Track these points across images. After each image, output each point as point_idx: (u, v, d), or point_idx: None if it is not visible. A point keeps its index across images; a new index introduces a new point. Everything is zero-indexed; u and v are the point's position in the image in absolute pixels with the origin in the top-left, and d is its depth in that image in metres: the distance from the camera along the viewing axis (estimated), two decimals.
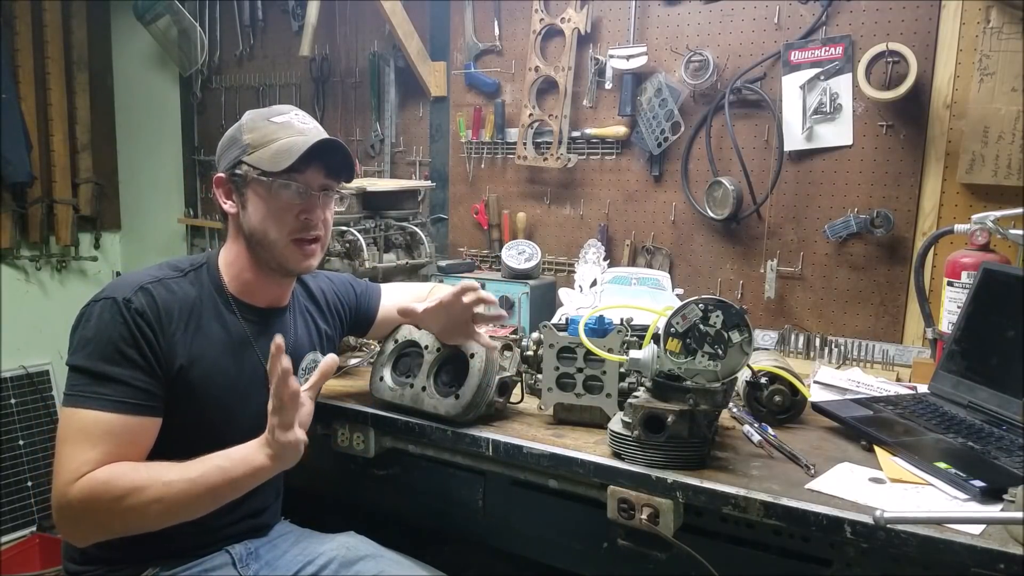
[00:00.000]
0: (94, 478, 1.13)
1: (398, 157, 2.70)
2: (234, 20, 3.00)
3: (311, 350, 1.47)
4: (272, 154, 1.27)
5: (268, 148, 1.28)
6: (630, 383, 1.41)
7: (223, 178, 1.33)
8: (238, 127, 1.33)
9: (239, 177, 1.30)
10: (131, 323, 1.19)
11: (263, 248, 1.30)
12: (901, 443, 1.27)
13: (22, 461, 3.01)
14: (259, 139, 1.29)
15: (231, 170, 1.31)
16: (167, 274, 1.29)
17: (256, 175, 1.27)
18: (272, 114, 1.33)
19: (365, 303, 1.60)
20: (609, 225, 2.30)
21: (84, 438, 1.15)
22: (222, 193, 1.34)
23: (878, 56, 1.83)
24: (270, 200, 1.28)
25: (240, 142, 1.30)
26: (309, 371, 1.45)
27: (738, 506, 1.14)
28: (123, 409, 1.17)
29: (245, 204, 1.30)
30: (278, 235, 1.29)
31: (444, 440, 1.45)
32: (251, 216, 1.29)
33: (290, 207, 1.28)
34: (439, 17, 2.55)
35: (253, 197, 1.29)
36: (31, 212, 3.11)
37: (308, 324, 1.48)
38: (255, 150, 1.28)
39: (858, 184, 1.95)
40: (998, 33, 1.71)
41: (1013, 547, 0.98)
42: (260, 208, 1.29)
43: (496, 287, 2.19)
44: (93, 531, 1.19)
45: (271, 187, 1.27)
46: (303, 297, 1.49)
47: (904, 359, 1.87)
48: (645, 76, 2.17)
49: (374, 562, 1.40)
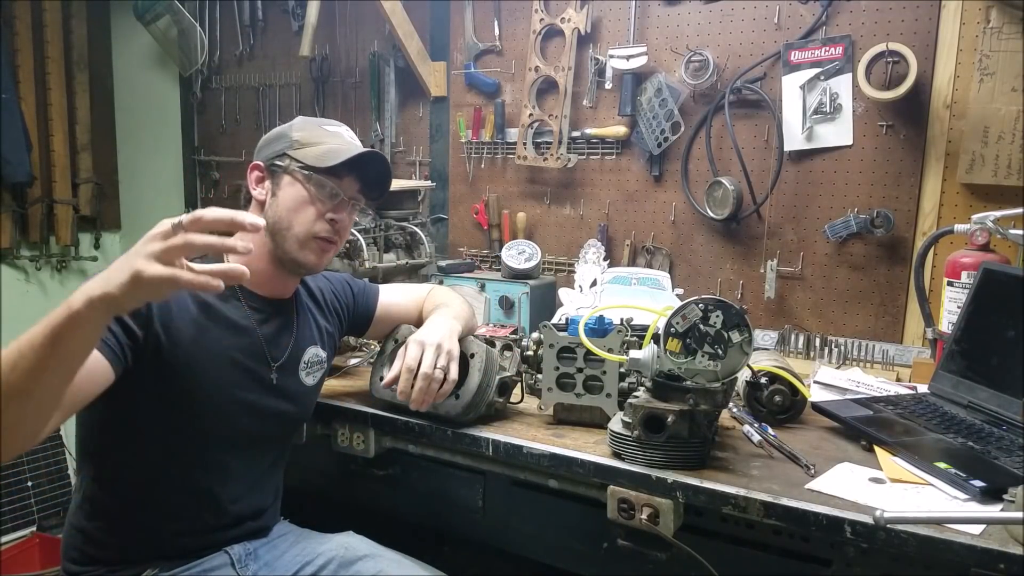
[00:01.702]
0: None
1: (398, 157, 2.70)
2: (234, 20, 3.00)
3: (312, 345, 1.47)
4: (320, 152, 1.32)
5: (316, 147, 1.33)
6: (630, 383, 1.41)
7: (260, 165, 1.37)
8: (289, 126, 1.38)
9: (279, 167, 1.33)
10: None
11: (283, 238, 1.32)
12: (901, 443, 1.27)
13: (22, 461, 3.00)
14: (308, 138, 1.34)
15: (272, 160, 1.35)
16: None
17: (298, 167, 1.32)
18: (325, 123, 1.40)
19: (363, 302, 1.60)
20: (609, 225, 2.30)
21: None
22: (255, 179, 1.37)
23: (878, 56, 1.83)
24: (304, 193, 1.32)
25: (288, 137, 1.35)
26: (311, 366, 1.46)
27: (738, 506, 1.14)
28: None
29: (277, 192, 1.33)
30: (302, 228, 1.32)
31: (444, 440, 1.45)
32: (280, 204, 1.32)
33: (321, 205, 1.32)
34: (439, 17, 2.55)
35: (288, 187, 1.33)
36: (31, 212, 3.10)
37: (310, 320, 1.48)
38: (303, 147, 1.33)
39: (858, 184, 1.95)
40: (998, 33, 1.71)
41: (1013, 547, 0.98)
42: (292, 198, 1.32)
43: (496, 287, 2.19)
44: None
45: (310, 181, 1.31)
46: (304, 295, 1.49)
47: (904, 359, 1.87)
48: (645, 76, 2.17)
49: (373, 562, 1.40)
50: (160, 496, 1.30)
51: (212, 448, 1.31)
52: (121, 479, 1.30)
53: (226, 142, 3.15)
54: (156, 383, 1.22)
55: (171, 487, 1.30)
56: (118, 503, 1.30)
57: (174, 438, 1.27)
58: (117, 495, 1.30)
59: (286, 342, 1.40)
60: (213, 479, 1.33)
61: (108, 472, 1.30)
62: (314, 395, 1.50)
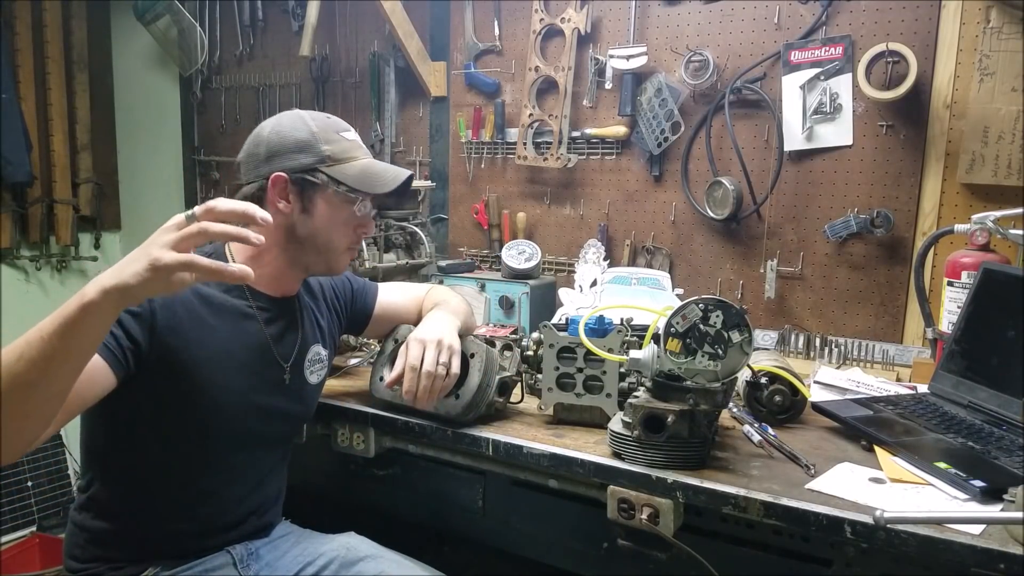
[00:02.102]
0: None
1: (398, 157, 2.70)
2: (234, 20, 3.00)
3: (315, 343, 1.47)
4: (359, 173, 1.32)
5: (352, 165, 1.33)
6: (630, 383, 1.41)
7: (284, 178, 1.29)
8: (311, 134, 1.30)
9: (309, 183, 1.30)
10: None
11: (317, 252, 1.34)
12: (901, 443, 1.27)
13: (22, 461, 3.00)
14: (339, 153, 1.32)
15: (301, 174, 1.30)
16: None
17: (337, 188, 1.30)
18: (339, 128, 1.36)
19: (361, 300, 1.60)
20: (609, 225, 2.30)
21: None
22: (277, 192, 1.30)
23: (878, 56, 1.83)
24: (343, 212, 1.33)
25: (316, 150, 1.30)
26: (315, 364, 1.46)
27: (738, 506, 1.14)
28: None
29: (309, 209, 1.31)
30: (341, 243, 1.36)
31: (444, 440, 1.45)
32: (316, 221, 1.32)
33: (354, 220, 1.35)
34: (439, 17, 2.55)
35: (324, 205, 1.31)
36: (31, 212, 3.10)
37: (311, 318, 1.48)
38: (336, 163, 1.31)
39: (858, 184, 1.95)
40: (998, 33, 1.71)
41: (1013, 547, 0.98)
42: (330, 217, 1.32)
43: (496, 287, 2.19)
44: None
45: (353, 203, 1.33)
46: (305, 292, 1.49)
47: (904, 359, 1.87)
48: (645, 76, 2.17)
49: (374, 563, 1.40)
50: (165, 496, 1.30)
51: (219, 449, 1.31)
52: (127, 479, 1.30)
53: (226, 142, 3.15)
54: (164, 386, 1.22)
55: (177, 487, 1.30)
56: (123, 502, 1.30)
57: (181, 439, 1.27)
58: (123, 494, 1.30)
59: (292, 341, 1.40)
60: (219, 479, 1.33)
61: (114, 472, 1.31)
62: (317, 393, 1.50)
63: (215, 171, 3.20)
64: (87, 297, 0.91)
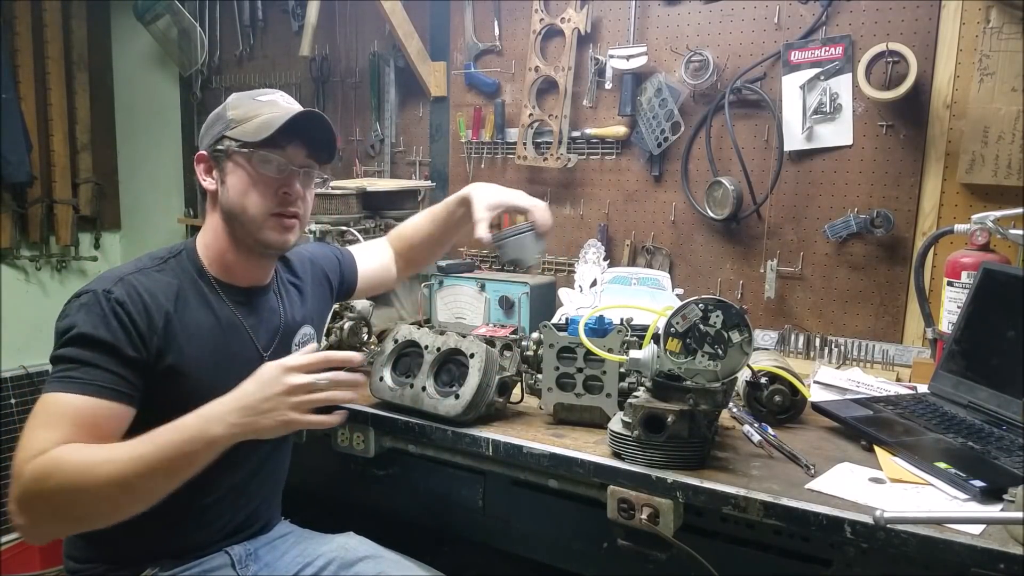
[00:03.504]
0: (48, 456, 1.06)
1: (398, 157, 2.70)
2: (234, 20, 3.00)
3: (301, 324, 1.46)
4: (255, 127, 1.26)
5: (251, 122, 1.27)
6: (630, 383, 1.41)
7: (204, 155, 1.31)
8: (223, 106, 1.32)
9: (220, 152, 1.28)
10: (110, 313, 1.17)
11: (241, 224, 1.28)
12: (901, 443, 1.27)
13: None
14: (243, 115, 1.28)
15: (213, 146, 1.30)
16: (146, 264, 1.28)
17: (237, 147, 1.26)
18: (258, 94, 1.33)
19: (348, 268, 1.62)
20: (609, 225, 2.30)
21: (47, 419, 1.11)
22: (203, 170, 1.32)
23: (878, 56, 1.83)
24: (250, 173, 1.26)
25: (224, 118, 1.30)
26: (302, 345, 1.44)
27: (738, 506, 1.14)
28: (90, 391, 1.13)
29: (224, 179, 1.28)
30: (256, 210, 1.27)
31: (444, 440, 1.45)
32: (230, 191, 1.28)
33: (270, 181, 1.27)
34: (439, 17, 2.55)
35: (233, 171, 1.28)
36: (31, 212, 3.11)
37: (295, 300, 1.46)
38: (238, 124, 1.27)
39: (858, 184, 1.95)
40: (998, 33, 1.71)
41: (1013, 547, 0.98)
42: (240, 182, 1.27)
43: (496, 287, 2.19)
44: (46, 515, 1.10)
45: (251, 159, 1.26)
46: (286, 273, 1.48)
47: (904, 359, 1.87)
48: (645, 76, 2.17)
49: (373, 563, 1.40)
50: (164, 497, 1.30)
51: None
52: None
53: None
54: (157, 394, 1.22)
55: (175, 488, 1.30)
56: None
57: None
58: None
59: (274, 330, 1.39)
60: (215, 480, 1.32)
61: None
62: None
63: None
64: (213, 434, 1.08)
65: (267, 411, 1.08)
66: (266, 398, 1.09)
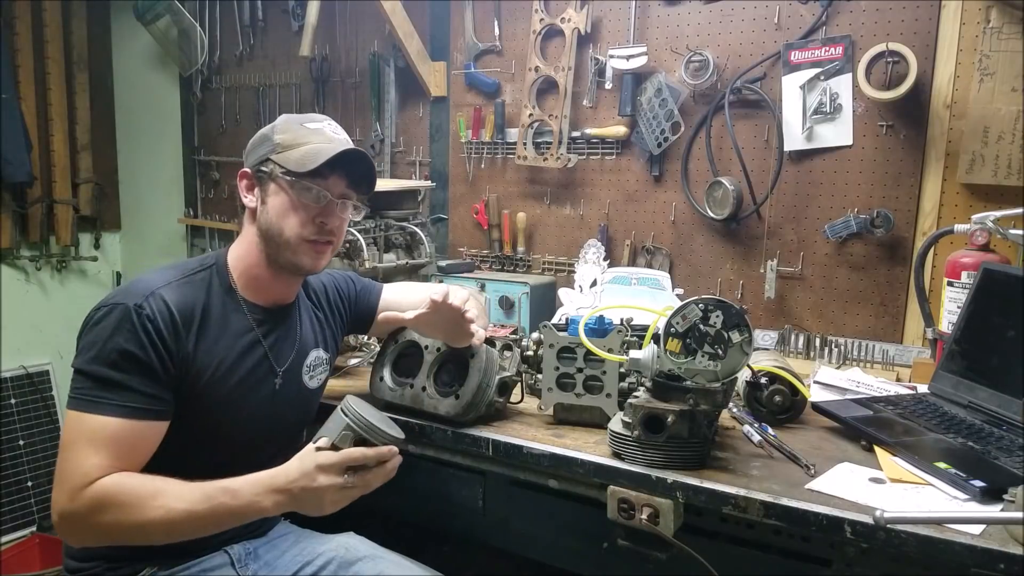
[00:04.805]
0: (103, 487, 1.15)
1: (398, 157, 2.70)
2: (234, 20, 3.00)
3: (314, 347, 1.47)
4: (300, 156, 1.30)
5: (297, 150, 1.31)
6: (630, 383, 1.41)
7: (248, 172, 1.36)
8: (271, 127, 1.36)
9: (264, 174, 1.32)
10: (140, 329, 1.19)
11: (276, 245, 1.32)
12: (901, 443, 1.27)
13: (22, 461, 3.00)
14: (290, 140, 1.32)
15: (257, 166, 1.34)
16: (177, 277, 1.30)
17: (281, 173, 1.30)
18: (306, 120, 1.37)
19: (365, 300, 1.60)
20: (609, 225, 2.30)
21: (89, 443, 1.16)
22: (245, 187, 1.37)
23: (878, 56, 1.83)
24: (291, 198, 1.31)
25: (271, 141, 1.33)
26: (314, 368, 1.46)
27: (738, 506, 1.14)
28: (129, 414, 1.18)
29: (265, 199, 1.32)
30: (292, 233, 1.31)
31: (444, 440, 1.45)
32: (270, 211, 1.32)
33: (309, 209, 1.31)
34: (439, 17, 2.55)
35: (275, 193, 1.32)
36: (31, 212, 3.11)
37: (312, 322, 1.48)
38: (284, 150, 1.31)
39: (858, 184, 1.95)
40: (998, 33, 1.71)
41: (1013, 547, 0.98)
42: (280, 205, 1.31)
43: (496, 287, 2.19)
44: (94, 538, 1.22)
45: (294, 187, 1.30)
46: (304, 296, 1.49)
47: (904, 359, 1.87)
48: (645, 76, 2.17)
49: (373, 563, 1.40)
50: None
51: (218, 455, 1.31)
52: None
53: (226, 142, 3.15)
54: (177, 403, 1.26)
55: None
56: None
57: (182, 450, 1.27)
58: None
59: (290, 349, 1.40)
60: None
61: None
62: (317, 397, 1.50)
63: (215, 171, 3.20)
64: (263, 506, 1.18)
65: (308, 500, 1.18)
66: (304, 489, 1.17)
